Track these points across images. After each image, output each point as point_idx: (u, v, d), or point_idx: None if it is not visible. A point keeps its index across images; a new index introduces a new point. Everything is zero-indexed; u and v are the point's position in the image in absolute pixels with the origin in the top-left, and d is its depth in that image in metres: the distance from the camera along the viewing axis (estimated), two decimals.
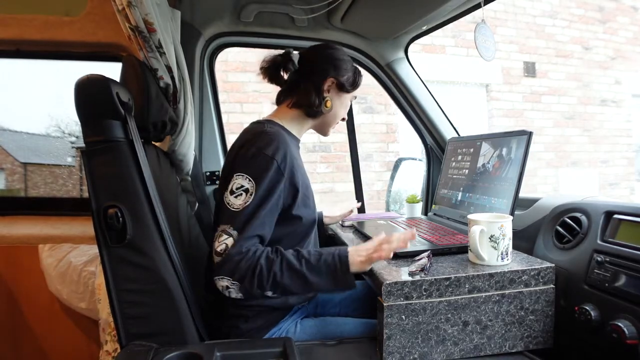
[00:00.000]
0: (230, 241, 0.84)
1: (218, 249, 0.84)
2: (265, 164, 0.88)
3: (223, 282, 0.83)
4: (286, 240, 0.96)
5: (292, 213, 0.95)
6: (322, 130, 1.12)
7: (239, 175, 0.88)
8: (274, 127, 0.97)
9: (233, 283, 0.83)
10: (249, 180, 0.87)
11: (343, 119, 1.12)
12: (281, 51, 1.06)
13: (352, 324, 1.03)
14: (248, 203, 0.86)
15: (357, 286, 1.20)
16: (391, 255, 0.87)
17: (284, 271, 0.83)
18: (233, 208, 0.86)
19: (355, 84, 1.07)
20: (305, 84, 1.03)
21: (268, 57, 1.07)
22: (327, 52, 1.05)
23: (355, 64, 1.09)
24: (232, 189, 0.88)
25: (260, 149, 0.89)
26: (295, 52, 1.07)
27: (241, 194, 0.87)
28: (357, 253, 0.86)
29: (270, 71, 1.07)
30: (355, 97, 1.13)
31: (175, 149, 1.16)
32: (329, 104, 1.04)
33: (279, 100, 1.09)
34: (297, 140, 1.08)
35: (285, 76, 1.08)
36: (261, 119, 1.05)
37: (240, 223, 0.85)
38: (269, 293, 0.84)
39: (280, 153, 0.89)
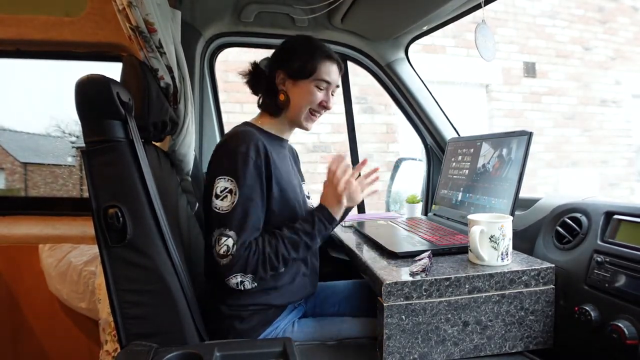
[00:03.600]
0: (230, 242, 0.86)
1: (220, 252, 0.87)
2: (241, 161, 0.90)
3: (236, 279, 0.88)
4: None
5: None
6: (295, 123, 1.06)
7: (220, 178, 0.91)
8: (246, 127, 0.99)
9: (246, 276, 0.88)
10: (230, 180, 0.90)
11: (325, 107, 1.04)
12: None
13: (350, 323, 1.03)
14: (235, 202, 0.89)
15: (355, 285, 1.20)
16: (343, 182, 0.95)
17: (289, 250, 0.90)
18: (222, 211, 0.89)
19: (308, 69, 1.00)
20: (264, 85, 1.05)
21: (243, 72, 1.10)
22: (280, 47, 1.05)
23: (320, 50, 1.02)
24: (216, 192, 0.90)
25: (234, 148, 0.91)
26: (267, 58, 1.08)
27: (227, 196, 0.89)
28: (329, 201, 0.96)
29: (250, 85, 1.09)
30: (329, 83, 1.03)
31: (176, 149, 1.16)
32: (282, 97, 1.02)
33: (258, 106, 1.11)
34: (282, 140, 1.08)
35: None
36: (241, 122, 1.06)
37: (235, 223, 0.88)
38: (282, 269, 0.93)
39: (252, 149, 0.91)
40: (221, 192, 0.90)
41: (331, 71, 1.03)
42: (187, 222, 1.15)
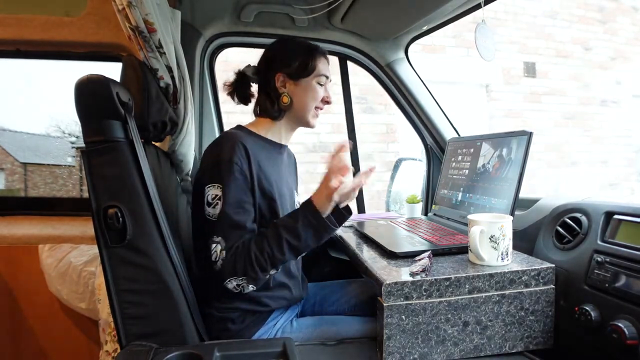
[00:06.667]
0: (219, 248, 0.88)
1: (213, 259, 0.88)
2: (226, 168, 0.91)
3: (233, 283, 0.88)
4: None
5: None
6: (301, 122, 1.07)
7: (209, 186, 0.92)
8: (231, 131, 1.00)
9: (241, 279, 0.87)
10: (219, 187, 0.91)
11: (326, 102, 1.06)
12: None
13: (349, 322, 1.03)
14: (222, 209, 0.89)
15: (355, 284, 1.20)
16: (339, 184, 0.88)
17: (273, 248, 0.88)
18: (214, 218, 0.90)
19: (309, 67, 1.03)
20: (261, 91, 1.07)
21: (227, 82, 1.11)
22: (271, 51, 1.07)
23: (316, 48, 1.05)
24: (208, 200, 0.91)
25: (218, 155, 0.92)
26: (251, 65, 1.09)
27: (217, 203, 0.90)
28: (318, 196, 0.90)
29: (237, 94, 1.10)
30: (328, 77, 1.06)
31: (176, 149, 1.16)
32: (285, 99, 1.02)
33: (254, 113, 1.10)
34: (279, 146, 1.07)
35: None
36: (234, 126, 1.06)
37: (222, 229, 0.89)
38: (273, 271, 0.90)
39: (236, 155, 0.91)
40: (212, 199, 0.91)
41: (327, 67, 1.07)
42: (187, 222, 1.15)
